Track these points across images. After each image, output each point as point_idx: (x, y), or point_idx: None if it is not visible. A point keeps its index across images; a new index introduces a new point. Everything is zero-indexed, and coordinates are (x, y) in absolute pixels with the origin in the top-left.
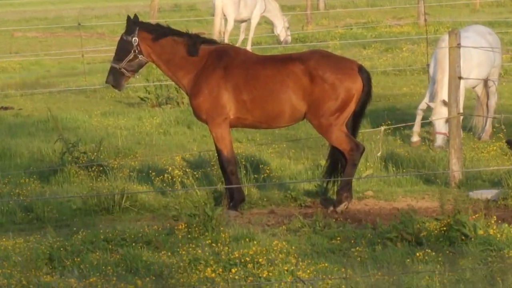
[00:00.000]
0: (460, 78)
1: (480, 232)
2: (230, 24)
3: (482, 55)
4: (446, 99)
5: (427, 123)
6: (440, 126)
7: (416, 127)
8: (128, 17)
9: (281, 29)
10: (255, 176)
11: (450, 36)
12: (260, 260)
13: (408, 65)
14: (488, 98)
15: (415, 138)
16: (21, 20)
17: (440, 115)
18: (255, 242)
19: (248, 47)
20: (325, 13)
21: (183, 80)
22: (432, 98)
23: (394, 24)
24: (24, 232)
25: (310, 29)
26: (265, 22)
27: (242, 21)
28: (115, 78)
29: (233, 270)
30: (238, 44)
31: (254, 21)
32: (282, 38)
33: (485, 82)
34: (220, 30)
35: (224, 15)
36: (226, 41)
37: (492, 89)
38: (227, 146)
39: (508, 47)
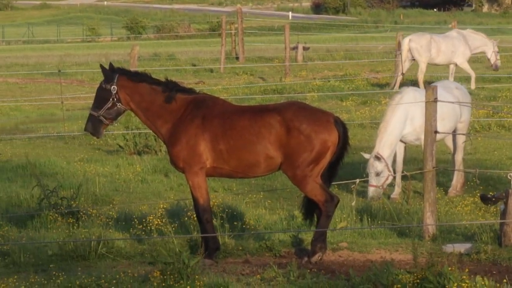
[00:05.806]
0: (436, 132)
1: (454, 285)
2: (422, 69)
3: (445, 109)
4: (382, 153)
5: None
6: (372, 178)
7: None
8: (101, 65)
9: (491, 53)
10: (231, 225)
11: (427, 90)
12: None
13: None
14: (454, 152)
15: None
16: (2, 66)
17: (373, 168)
18: None
19: (472, 86)
20: (303, 65)
21: (162, 129)
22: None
23: (371, 77)
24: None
25: (288, 81)
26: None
27: (438, 65)
28: (94, 125)
29: None
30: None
31: (462, 66)
32: (492, 62)
33: (454, 137)
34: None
35: (413, 59)
36: (421, 85)
37: (459, 143)
38: (203, 194)
39: (484, 102)
